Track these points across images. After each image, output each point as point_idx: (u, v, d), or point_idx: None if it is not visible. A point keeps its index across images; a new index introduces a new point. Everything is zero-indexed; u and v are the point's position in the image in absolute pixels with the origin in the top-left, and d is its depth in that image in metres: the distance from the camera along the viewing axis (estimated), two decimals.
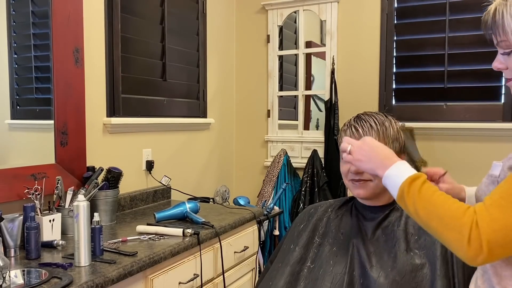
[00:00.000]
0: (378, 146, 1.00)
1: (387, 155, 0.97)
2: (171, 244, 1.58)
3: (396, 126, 1.22)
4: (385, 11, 2.69)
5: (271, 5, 2.97)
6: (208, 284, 1.80)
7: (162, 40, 2.42)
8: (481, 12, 0.94)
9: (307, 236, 1.29)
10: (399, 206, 1.07)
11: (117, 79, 2.11)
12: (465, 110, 2.53)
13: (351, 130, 1.22)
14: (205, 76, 2.80)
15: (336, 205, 1.34)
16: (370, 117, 1.22)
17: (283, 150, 2.92)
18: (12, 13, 1.66)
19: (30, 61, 1.75)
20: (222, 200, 2.77)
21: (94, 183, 1.80)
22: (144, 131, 2.31)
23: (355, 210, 1.28)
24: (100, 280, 1.26)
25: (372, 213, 1.23)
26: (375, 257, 1.15)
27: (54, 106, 1.79)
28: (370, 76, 2.75)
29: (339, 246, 1.22)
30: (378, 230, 1.19)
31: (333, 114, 2.74)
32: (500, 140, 2.47)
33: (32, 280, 1.29)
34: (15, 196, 1.59)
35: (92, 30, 1.99)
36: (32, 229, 1.43)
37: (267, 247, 2.69)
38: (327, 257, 1.21)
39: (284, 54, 3.02)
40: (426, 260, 1.10)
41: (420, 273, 1.09)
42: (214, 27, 2.88)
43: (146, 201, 2.28)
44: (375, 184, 1.18)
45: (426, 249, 1.12)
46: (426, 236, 1.13)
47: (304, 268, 1.23)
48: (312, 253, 1.25)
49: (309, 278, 1.20)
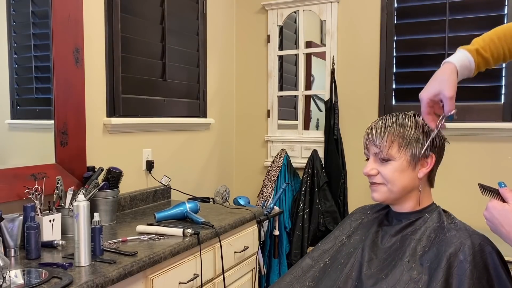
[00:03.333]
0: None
1: None
2: (171, 244, 1.58)
3: (421, 127, 1.14)
4: (385, 11, 2.69)
5: (271, 5, 2.97)
6: (208, 284, 1.80)
7: (162, 40, 2.42)
8: (481, 12, 0.95)
9: (339, 234, 1.30)
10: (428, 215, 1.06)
11: (117, 79, 2.11)
12: (465, 110, 2.52)
13: (368, 132, 1.18)
14: (205, 76, 2.80)
15: (376, 208, 1.32)
16: (391, 117, 1.17)
17: (283, 150, 2.92)
18: (12, 13, 1.66)
19: (30, 61, 1.75)
20: (222, 200, 2.77)
21: (94, 183, 1.80)
22: (144, 131, 2.31)
23: (386, 215, 1.26)
24: (100, 280, 1.26)
25: (396, 219, 1.21)
26: (376, 263, 1.14)
27: (54, 106, 1.79)
28: (370, 76, 2.75)
29: (355, 247, 1.22)
30: (395, 237, 1.16)
31: (333, 114, 2.74)
32: (500, 140, 2.47)
33: (32, 280, 1.29)
34: (15, 196, 1.59)
35: (92, 30, 1.99)
36: (32, 229, 1.43)
37: (267, 247, 2.69)
38: (342, 257, 1.22)
39: (284, 54, 3.02)
40: (427, 273, 1.05)
41: (414, 285, 1.04)
42: (214, 27, 2.88)
43: (146, 201, 2.28)
44: (388, 189, 1.15)
45: (431, 261, 1.06)
46: (435, 247, 1.08)
47: (321, 263, 1.25)
48: (334, 250, 1.26)
49: (319, 272, 1.23)
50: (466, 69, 1.12)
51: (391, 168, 1.14)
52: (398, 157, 1.13)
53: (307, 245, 2.68)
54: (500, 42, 1.13)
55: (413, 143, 1.13)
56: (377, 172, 1.16)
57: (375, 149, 1.16)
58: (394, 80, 2.71)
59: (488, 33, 1.15)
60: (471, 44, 1.14)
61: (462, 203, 2.38)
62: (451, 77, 1.09)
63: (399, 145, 1.13)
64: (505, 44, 1.14)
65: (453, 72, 1.10)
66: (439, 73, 1.11)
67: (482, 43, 1.13)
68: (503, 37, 1.13)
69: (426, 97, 1.11)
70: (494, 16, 2.46)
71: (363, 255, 1.16)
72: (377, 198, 1.18)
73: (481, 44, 1.13)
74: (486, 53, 1.12)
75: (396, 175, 1.13)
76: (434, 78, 1.12)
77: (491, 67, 1.17)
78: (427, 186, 1.19)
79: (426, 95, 1.11)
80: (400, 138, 1.13)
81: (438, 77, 1.11)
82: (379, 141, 1.14)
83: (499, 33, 1.14)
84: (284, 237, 2.72)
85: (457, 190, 2.52)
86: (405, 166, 1.13)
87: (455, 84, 1.09)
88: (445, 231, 1.10)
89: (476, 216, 1.48)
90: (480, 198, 1.15)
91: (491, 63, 1.14)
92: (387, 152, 1.13)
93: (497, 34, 1.14)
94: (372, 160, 1.17)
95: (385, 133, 1.14)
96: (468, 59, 1.12)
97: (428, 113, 1.12)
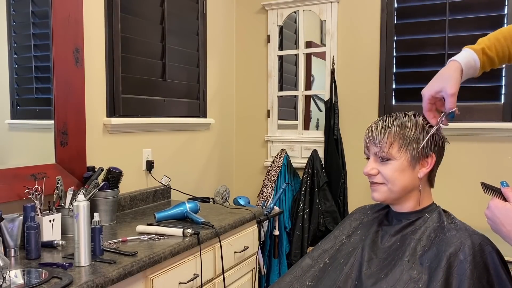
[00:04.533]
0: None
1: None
2: (171, 244, 1.58)
3: (421, 127, 1.14)
4: (385, 11, 2.69)
5: (271, 5, 2.97)
6: (208, 284, 1.80)
7: (162, 40, 2.42)
8: (481, 12, 0.95)
9: (339, 234, 1.30)
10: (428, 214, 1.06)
11: (117, 79, 2.11)
12: (465, 110, 2.52)
13: (368, 131, 1.18)
14: (205, 76, 2.80)
15: (376, 208, 1.32)
16: (392, 117, 1.17)
17: (283, 150, 2.92)
18: (12, 13, 1.66)
19: (30, 61, 1.75)
20: (222, 200, 2.77)
21: (94, 183, 1.80)
22: (144, 131, 2.31)
23: (386, 215, 1.26)
24: (100, 280, 1.26)
25: (396, 219, 1.20)
26: (376, 263, 1.14)
27: (54, 106, 1.79)
28: (370, 76, 2.75)
29: (355, 247, 1.22)
30: (395, 237, 1.16)
31: (333, 114, 2.75)
32: (500, 140, 2.47)
33: (32, 280, 1.29)
34: (15, 196, 1.59)
35: (92, 30, 1.99)
36: (32, 229, 1.43)
37: (267, 247, 2.69)
38: (341, 256, 1.22)
39: (284, 54, 3.02)
40: (427, 272, 1.05)
41: (414, 285, 1.04)
42: (214, 27, 2.88)
43: (146, 201, 2.28)
44: (388, 188, 1.15)
45: (431, 261, 1.06)
46: (435, 246, 1.08)
47: (321, 262, 1.25)
48: (333, 250, 1.26)
49: (319, 271, 1.23)
50: (471, 68, 1.12)
51: (391, 167, 1.14)
52: (399, 157, 1.13)
53: (307, 245, 2.68)
54: (506, 42, 1.14)
55: (413, 143, 1.13)
56: (377, 172, 1.16)
57: (375, 148, 1.16)
58: (394, 80, 2.71)
59: (494, 33, 1.16)
60: (477, 43, 1.15)
61: (462, 203, 2.38)
62: (454, 75, 1.09)
63: (400, 145, 1.13)
64: (511, 44, 1.14)
65: (457, 70, 1.10)
66: (443, 70, 1.12)
67: (487, 42, 1.14)
68: (508, 37, 1.14)
69: (428, 94, 1.12)
70: (494, 16, 2.46)
71: (363, 255, 1.16)
72: (377, 198, 1.18)
73: (486, 43, 1.14)
74: (491, 52, 1.13)
75: (396, 174, 1.13)
76: (437, 75, 1.13)
77: (496, 67, 1.18)
78: (427, 186, 1.19)
79: (427, 92, 1.12)
80: (401, 138, 1.13)
81: (442, 75, 1.12)
82: (379, 141, 1.14)
83: (505, 33, 1.14)
84: (284, 237, 2.72)
85: (457, 190, 2.52)
86: (405, 166, 1.13)
87: (458, 81, 1.09)
88: (445, 231, 1.10)
89: (476, 216, 1.49)
90: (480, 198, 1.15)
91: (496, 62, 1.15)
92: (387, 152, 1.13)
93: (503, 34, 1.14)
94: (372, 159, 1.17)
95: (385, 133, 1.14)
96: (473, 58, 1.12)
97: (429, 109, 1.13)
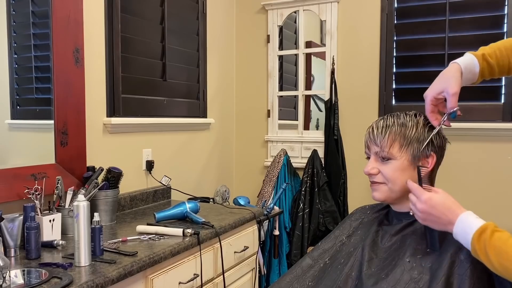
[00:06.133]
0: (438, 204, 1.00)
1: (449, 208, 1.00)
2: (171, 244, 1.58)
3: (422, 127, 1.14)
4: (385, 11, 2.70)
5: (271, 5, 2.97)
6: (208, 284, 1.80)
7: (162, 40, 2.42)
8: (481, 12, 0.96)
9: (339, 234, 1.30)
10: None
11: (117, 79, 2.11)
12: (465, 110, 2.51)
13: (369, 131, 1.18)
14: (205, 76, 2.80)
15: (377, 208, 1.31)
16: (392, 117, 1.17)
17: (283, 150, 2.92)
18: (12, 13, 1.66)
19: (30, 61, 1.75)
20: (222, 200, 2.77)
21: (94, 183, 1.80)
22: (144, 131, 2.31)
23: (386, 214, 1.25)
24: (100, 280, 1.26)
25: (396, 219, 1.20)
26: (377, 263, 1.13)
27: (54, 106, 1.78)
28: (370, 76, 2.75)
29: (355, 247, 1.21)
30: (396, 237, 1.16)
31: (333, 114, 2.75)
32: (500, 140, 2.47)
33: (32, 280, 1.29)
34: (15, 196, 1.59)
35: (92, 30, 1.98)
36: (32, 229, 1.43)
37: (267, 247, 2.69)
38: (342, 256, 1.22)
39: (284, 54, 3.02)
40: (428, 273, 1.04)
41: (414, 285, 1.03)
42: (214, 27, 2.88)
43: (146, 201, 2.28)
44: (388, 188, 1.15)
45: (431, 261, 1.05)
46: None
47: (321, 262, 1.25)
48: (334, 250, 1.26)
49: (319, 271, 1.23)
50: (470, 72, 1.14)
51: (392, 167, 1.14)
52: (399, 157, 1.13)
53: (307, 245, 2.68)
54: (506, 52, 1.16)
55: (414, 143, 1.13)
56: (378, 171, 1.16)
57: (376, 148, 1.16)
58: (394, 80, 2.71)
59: (495, 43, 1.19)
60: (478, 50, 1.18)
61: (462, 203, 2.37)
62: (455, 75, 1.11)
63: (400, 144, 1.13)
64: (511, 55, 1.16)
65: (458, 70, 1.12)
66: (444, 72, 1.14)
67: (488, 50, 1.17)
68: (509, 47, 1.16)
69: (430, 95, 1.13)
70: (494, 16, 2.46)
71: (363, 255, 1.16)
72: (378, 197, 1.18)
73: (487, 50, 1.16)
74: (491, 59, 1.15)
75: (397, 174, 1.13)
76: (439, 77, 1.15)
77: (495, 77, 1.19)
78: None
79: (430, 93, 1.13)
80: (401, 138, 1.13)
81: (443, 76, 1.13)
82: (380, 140, 1.15)
83: (507, 45, 1.17)
84: (284, 237, 2.72)
85: (457, 190, 2.50)
86: (406, 166, 1.13)
87: (459, 82, 1.11)
88: None
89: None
90: (480, 197, 1.15)
91: (495, 71, 1.17)
92: (388, 151, 1.13)
93: (505, 45, 1.17)
94: (373, 159, 1.17)
95: (386, 133, 1.14)
96: (474, 62, 1.14)
97: (431, 111, 1.13)
